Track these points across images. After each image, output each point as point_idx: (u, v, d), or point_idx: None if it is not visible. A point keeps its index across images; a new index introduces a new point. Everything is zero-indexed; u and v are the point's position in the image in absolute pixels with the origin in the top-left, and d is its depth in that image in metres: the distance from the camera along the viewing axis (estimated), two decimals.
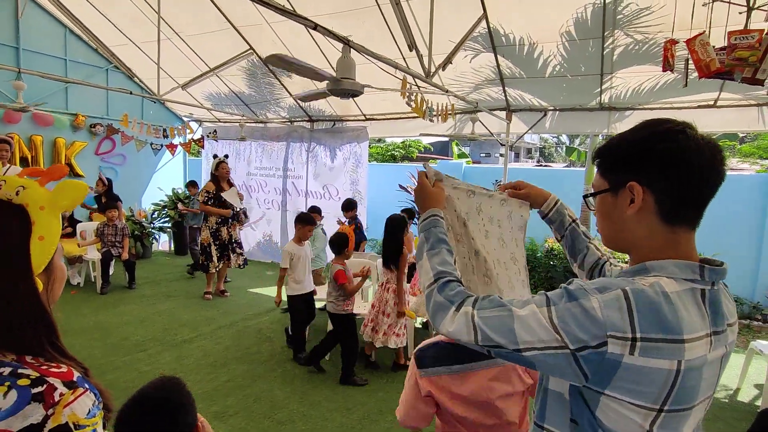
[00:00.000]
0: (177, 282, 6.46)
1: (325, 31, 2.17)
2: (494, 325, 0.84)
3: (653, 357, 0.75)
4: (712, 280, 0.83)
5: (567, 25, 4.31)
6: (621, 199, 0.88)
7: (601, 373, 0.77)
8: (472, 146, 30.84)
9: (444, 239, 1.07)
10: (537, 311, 0.81)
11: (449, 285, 0.95)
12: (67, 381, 0.78)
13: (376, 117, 6.81)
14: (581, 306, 0.78)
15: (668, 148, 0.82)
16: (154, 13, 5.19)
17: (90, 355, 3.88)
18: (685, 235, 0.86)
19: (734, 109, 4.78)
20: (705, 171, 0.82)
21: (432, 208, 1.15)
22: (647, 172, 0.84)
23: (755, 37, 2.19)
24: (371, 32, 4.85)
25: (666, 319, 0.76)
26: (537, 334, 0.80)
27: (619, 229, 0.91)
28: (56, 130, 6.95)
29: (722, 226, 6.07)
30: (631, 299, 0.76)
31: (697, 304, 0.81)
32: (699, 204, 0.85)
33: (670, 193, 0.83)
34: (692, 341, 0.78)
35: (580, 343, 0.76)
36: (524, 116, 5.81)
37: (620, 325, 0.75)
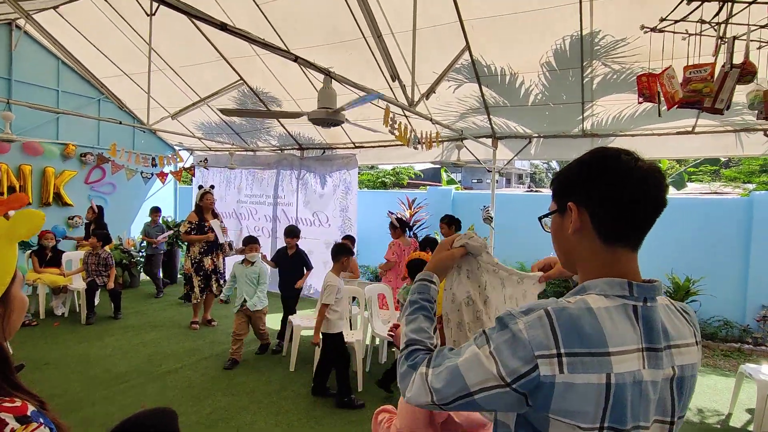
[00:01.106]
0: (164, 312, 6.36)
1: (306, 63, 2.23)
2: (445, 378, 0.85)
3: (580, 372, 0.77)
4: (642, 296, 0.85)
5: (547, 56, 4.45)
6: (566, 219, 0.93)
7: (540, 397, 0.79)
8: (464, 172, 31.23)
9: (426, 306, 1.06)
10: (478, 351, 0.83)
11: (415, 353, 0.96)
12: (20, 416, 0.77)
13: (365, 145, 6.91)
14: (510, 331, 0.81)
15: (601, 171, 0.88)
16: (146, 45, 5.30)
17: (69, 388, 3.77)
18: (625, 256, 0.89)
19: (712, 135, 4.91)
20: (636, 194, 0.86)
21: (426, 272, 1.16)
22: (582, 193, 0.90)
23: (707, 71, 2.33)
24: (357, 63, 4.98)
25: (587, 333, 0.79)
26: (480, 373, 0.81)
27: (567, 249, 0.96)
28: (46, 159, 6.96)
29: (708, 250, 6.13)
30: (552, 316, 0.80)
31: (629, 319, 0.83)
32: (635, 225, 0.88)
33: (603, 213, 0.88)
34: (619, 354, 0.79)
35: (514, 374, 0.78)
36: (510, 143, 5.93)
37: (545, 343, 0.78)
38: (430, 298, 1.09)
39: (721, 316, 5.98)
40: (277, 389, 3.98)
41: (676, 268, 6.11)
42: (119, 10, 5.51)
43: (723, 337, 5.85)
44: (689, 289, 5.94)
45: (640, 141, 5.21)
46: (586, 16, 3.92)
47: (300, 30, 4.90)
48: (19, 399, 0.81)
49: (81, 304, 5.76)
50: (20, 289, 0.94)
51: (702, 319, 6.01)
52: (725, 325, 5.91)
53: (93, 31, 6.09)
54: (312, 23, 4.78)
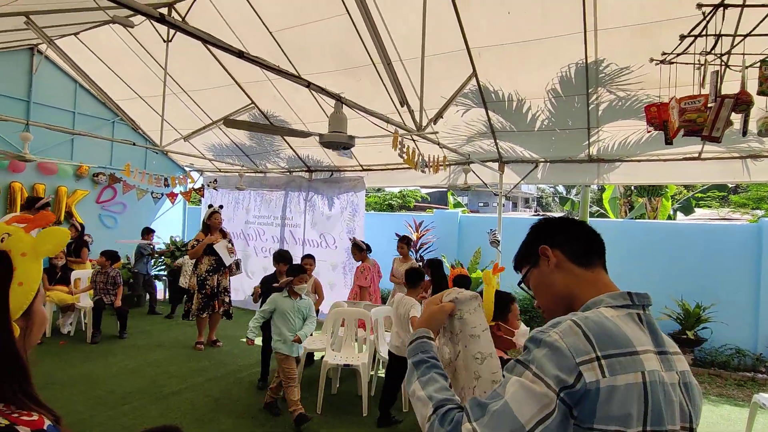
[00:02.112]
0: (169, 331, 6.35)
1: (318, 88, 2.30)
2: (495, 425, 0.81)
3: (619, 373, 0.81)
4: (641, 304, 0.94)
5: (552, 83, 4.54)
6: (542, 265, 1.08)
7: (587, 407, 0.80)
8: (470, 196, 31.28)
9: (433, 363, 1.05)
10: (521, 380, 0.83)
11: (449, 414, 0.90)
12: (37, 429, 0.78)
13: (372, 167, 6.99)
14: (547, 344, 0.84)
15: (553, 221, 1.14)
16: (161, 70, 5.47)
17: (73, 408, 3.75)
18: (602, 274, 1.05)
19: (718, 162, 4.92)
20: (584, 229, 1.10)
21: (420, 330, 1.16)
22: (547, 236, 1.10)
23: (701, 101, 2.44)
24: (366, 88, 5.09)
25: (614, 335, 0.84)
26: (533, 403, 0.80)
27: (553, 290, 1.07)
28: (59, 179, 7.11)
29: (718, 277, 6.06)
30: (580, 324, 0.85)
31: (637, 325, 0.91)
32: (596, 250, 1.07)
33: (572, 243, 1.07)
34: (644, 353, 0.85)
35: (561, 383, 0.80)
36: (516, 167, 5.97)
37: (583, 348, 0.82)
38: (435, 356, 1.08)
39: (732, 345, 5.86)
40: (283, 412, 3.93)
41: (686, 294, 6.04)
42: (137, 36, 5.71)
43: (735, 366, 5.72)
44: (699, 316, 5.86)
45: (646, 166, 5.23)
46: (591, 45, 4.01)
47: (311, 56, 5.05)
48: (36, 413, 0.83)
49: (87, 322, 5.78)
50: (42, 305, 0.97)
51: (713, 347, 5.90)
52: (737, 353, 5.79)
53: (111, 56, 6.31)
54: (323, 50, 4.92)
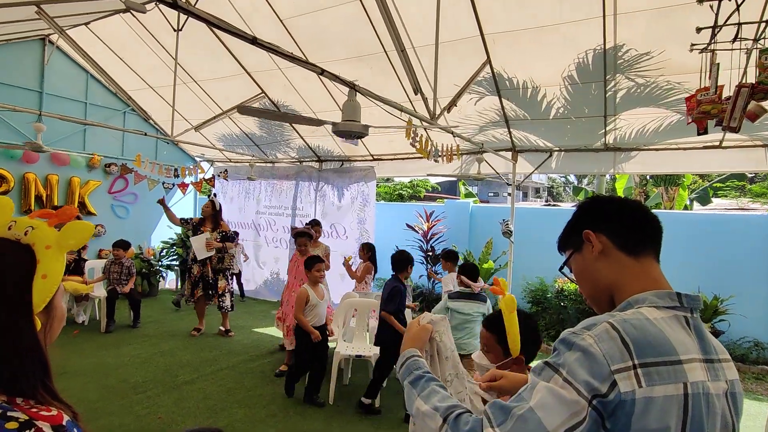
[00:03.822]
0: (182, 321, 6.40)
1: (332, 76, 2.25)
2: (520, 430, 0.76)
3: (657, 383, 0.75)
4: (690, 307, 0.86)
5: (569, 70, 4.42)
6: (585, 251, 0.99)
7: (621, 419, 0.74)
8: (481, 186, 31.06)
9: (429, 376, 1.01)
10: (549, 385, 0.78)
11: (461, 418, 0.85)
12: (56, 425, 0.77)
13: (383, 157, 6.92)
14: (580, 348, 0.78)
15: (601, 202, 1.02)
16: (172, 60, 5.44)
17: (85, 397, 3.79)
18: (652, 265, 0.94)
19: (740, 150, 4.78)
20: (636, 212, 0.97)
21: (407, 350, 1.14)
22: (593, 221, 0.99)
23: (716, 93, 2.45)
24: (378, 76, 5.01)
25: (656, 341, 0.78)
26: (563, 410, 0.75)
27: (596, 278, 0.98)
28: (72, 169, 7.15)
29: (736, 268, 5.93)
30: (618, 328, 0.78)
31: (684, 329, 0.83)
32: (648, 234, 0.96)
33: (619, 227, 0.96)
34: (689, 362, 0.78)
35: (593, 391, 0.74)
36: (530, 157, 5.87)
37: (618, 356, 0.76)
38: (429, 371, 1.05)
39: (751, 337, 5.75)
40: (293, 403, 3.94)
41: (702, 286, 5.92)
42: (147, 25, 5.67)
43: (754, 359, 5.62)
44: (717, 308, 5.74)
45: (664, 155, 5.10)
46: (610, 30, 3.89)
47: (322, 45, 4.97)
48: (55, 408, 0.81)
49: (101, 312, 5.84)
50: (62, 300, 0.96)
51: (731, 339, 5.79)
52: (756, 346, 5.68)
53: (121, 46, 6.29)
54: (334, 38, 4.84)
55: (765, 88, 2.41)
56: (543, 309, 6.45)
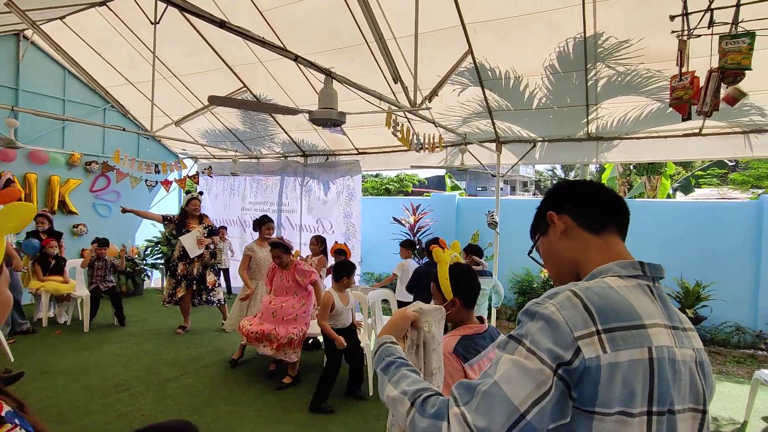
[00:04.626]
0: (167, 319, 6.32)
1: (307, 62, 2.21)
2: (487, 408, 0.73)
3: (622, 348, 0.74)
4: (653, 276, 0.87)
5: (550, 59, 4.42)
6: (550, 233, 1.01)
7: (588, 387, 0.73)
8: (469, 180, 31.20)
9: (401, 362, 0.99)
10: (513, 357, 0.76)
11: (428, 401, 0.83)
12: None
13: (368, 151, 6.89)
14: (542, 317, 0.77)
15: (566, 184, 1.05)
16: (150, 54, 5.33)
17: (67, 397, 3.72)
18: (616, 240, 0.95)
19: (720, 137, 4.84)
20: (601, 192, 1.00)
21: (384, 336, 1.12)
22: (556, 203, 1.02)
23: (688, 79, 2.48)
24: (359, 68, 4.97)
25: (619, 306, 0.78)
26: (528, 381, 0.73)
27: (561, 259, 0.99)
28: (51, 168, 6.99)
29: (718, 255, 6.02)
30: (581, 295, 0.78)
31: (647, 296, 0.83)
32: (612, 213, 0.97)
33: (582, 207, 0.98)
34: (653, 327, 0.78)
35: (558, 359, 0.73)
36: (514, 147, 5.88)
37: (581, 322, 0.75)
38: (402, 356, 1.03)
39: (732, 322, 5.85)
40: (280, 398, 3.91)
41: (685, 273, 6.00)
42: (124, 19, 5.55)
43: (735, 343, 5.72)
44: (699, 294, 5.83)
45: (646, 144, 5.14)
46: (590, 18, 3.89)
47: (303, 36, 4.91)
48: None
49: (84, 312, 5.73)
50: (6, 287, 0.92)
51: (713, 324, 5.89)
52: (737, 330, 5.78)
53: (98, 40, 6.15)
54: (315, 29, 4.78)
55: (733, 73, 2.44)
56: (529, 299, 6.49)
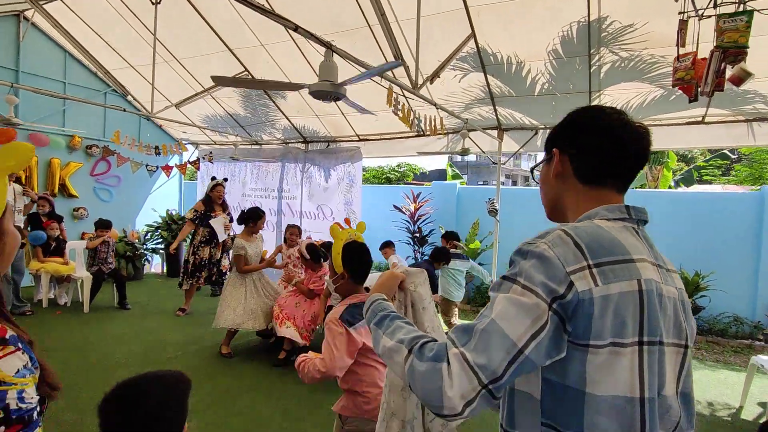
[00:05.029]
0: (167, 302, 6.34)
1: (307, 33, 2.20)
2: (485, 346, 0.73)
3: (613, 281, 0.76)
4: (637, 219, 0.88)
5: (554, 44, 4.39)
6: (551, 166, 0.98)
7: (581, 321, 0.75)
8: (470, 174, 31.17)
9: (393, 315, 0.98)
10: (509, 295, 0.77)
11: (426, 346, 0.81)
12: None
13: (369, 137, 6.87)
14: (535, 255, 0.79)
15: (584, 120, 0.94)
16: (151, 36, 5.31)
17: (66, 373, 3.74)
18: (609, 195, 0.92)
19: (722, 126, 4.81)
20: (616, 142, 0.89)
21: (374, 295, 1.12)
22: (563, 139, 0.95)
23: (689, 59, 2.48)
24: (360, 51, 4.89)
25: (608, 242, 0.80)
26: (523, 316, 0.74)
27: (551, 196, 0.99)
28: (52, 150, 6.99)
29: (718, 245, 6.01)
30: (571, 233, 0.80)
31: (634, 236, 0.85)
32: (614, 172, 0.91)
33: (583, 157, 0.92)
34: (641, 261, 0.80)
35: (552, 293, 0.75)
36: (516, 135, 5.86)
37: (573, 258, 0.77)
38: (390, 307, 1.03)
39: (731, 312, 5.86)
40: (279, 375, 3.94)
41: (685, 263, 6.00)
42: (125, 0, 5.52)
43: (733, 333, 5.73)
44: (698, 285, 5.83)
45: None
46: (594, 1, 3.86)
47: (303, 18, 4.86)
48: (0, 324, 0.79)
49: (84, 293, 5.76)
50: (11, 224, 0.93)
51: (712, 315, 5.90)
52: (735, 321, 5.79)
53: (99, 22, 6.12)
54: (316, 12, 4.75)
55: (734, 52, 2.42)
56: None
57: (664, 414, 0.80)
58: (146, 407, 1.12)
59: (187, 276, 5.75)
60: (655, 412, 0.76)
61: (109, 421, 1.11)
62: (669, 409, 0.81)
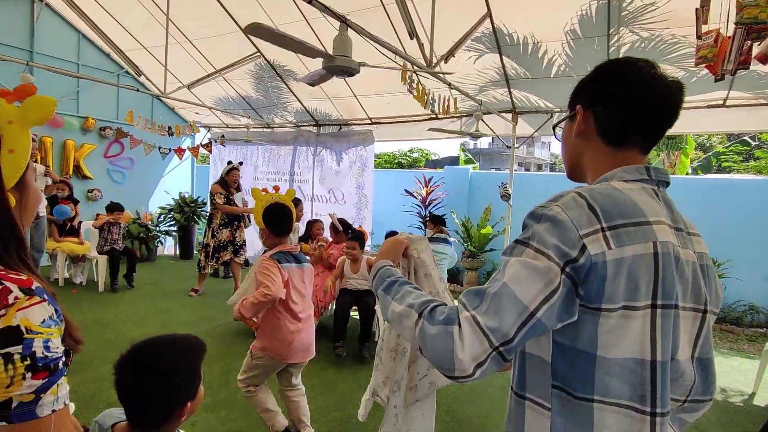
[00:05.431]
0: (180, 282, 6.42)
1: (321, 6, 2.16)
2: (496, 309, 0.73)
3: (627, 244, 0.74)
4: (657, 179, 0.85)
5: (572, 23, 4.29)
6: (573, 124, 0.93)
7: (594, 284, 0.73)
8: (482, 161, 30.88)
9: (402, 280, 0.97)
10: (522, 258, 0.76)
11: (437, 310, 0.80)
12: (25, 287, 0.76)
13: (381, 120, 6.82)
14: (548, 218, 0.77)
15: (611, 74, 0.88)
16: (164, 17, 5.29)
17: (83, 349, 3.81)
18: (633, 156, 0.88)
19: (744, 109, 4.68)
20: (644, 98, 0.84)
21: (380, 261, 1.11)
22: (590, 95, 0.90)
23: (712, 37, 2.41)
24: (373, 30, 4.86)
25: (624, 204, 0.77)
26: (536, 280, 0.73)
27: (572, 155, 0.96)
28: (66, 132, 7.06)
29: (733, 232, 5.90)
30: (585, 195, 0.78)
31: (652, 198, 0.82)
32: (640, 129, 0.86)
33: (607, 115, 0.87)
34: (658, 224, 0.77)
35: (565, 257, 0.73)
36: (530, 118, 5.77)
37: (586, 221, 0.75)
38: (397, 273, 1.01)
39: (746, 301, 5.77)
40: None
41: None
42: None
43: (748, 322, 5.66)
44: None
45: None
46: None
47: None
48: (26, 275, 0.79)
49: (100, 273, 5.85)
50: (33, 179, 0.94)
51: (726, 303, 5.82)
52: (750, 309, 5.71)
53: (112, 2, 6.11)
54: None
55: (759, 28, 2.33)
56: None
57: (677, 378, 0.79)
58: (158, 370, 1.14)
59: (208, 259, 5.77)
60: (667, 375, 0.75)
61: (123, 382, 1.13)
62: (682, 373, 0.80)
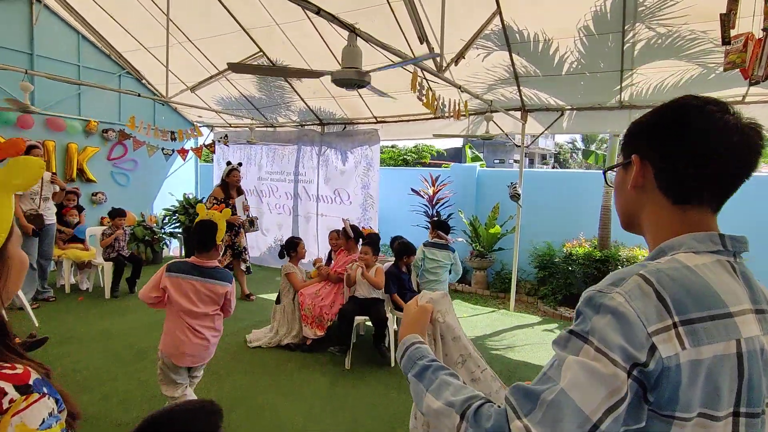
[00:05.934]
0: None
1: (330, 16, 2.04)
2: (553, 420, 0.64)
3: (705, 343, 0.62)
4: (734, 250, 0.73)
5: (585, 20, 4.13)
6: (629, 173, 0.81)
7: (667, 390, 0.62)
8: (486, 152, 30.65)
9: (435, 365, 0.87)
10: (580, 359, 0.65)
11: (481, 412, 0.72)
12: (21, 385, 0.68)
13: (387, 119, 6.69)
14: (609, 309, 0.65)
15: (674, 121, 0.75)
16: (164, 17, 5.16)
17: (90, 363, 3.77)
18: (700, 215, 0.76)
19: (765, 106, 4.52)
20: (715, 150, 0.71)
21: (408, 336, 0.99)
22: (648, 145, 0.78)
23: (741, 41, 2.32)
24: (381, 30, 4.72)
25: (699, 291, 0.65)
26: (600, 388, 0.62)
27: (627, 208, 0.84)
28: (68, 135, 6.97)
29: (754, 228, 5.75)
30: (652, 280, 0.65)
31: (730, 276, 0.69)
32: (710, 187, 0.74)
33: (670, 170, 0.75)
34: (741, 314, 0.66)
35: (631, 359, 0.62)
36: (540, 116, 5.63)
37: (655, 315, 0.63)
38: (434, 358, 0.90)
39: None
40: (298, 367, 3.91)
41: None
42: None
43: None
44: None
45: None
46: None
47: None
48: (21, 366, 0.72)
49: (105, 280, 5.79)
50: (18, 247, 0.84)
51: None
52: None
53: (111, 2, 5.98)
54: None
55: None
56: (550, 274, 6.34)
57: None
58: None
59: None
60: None
61: None
62: None
